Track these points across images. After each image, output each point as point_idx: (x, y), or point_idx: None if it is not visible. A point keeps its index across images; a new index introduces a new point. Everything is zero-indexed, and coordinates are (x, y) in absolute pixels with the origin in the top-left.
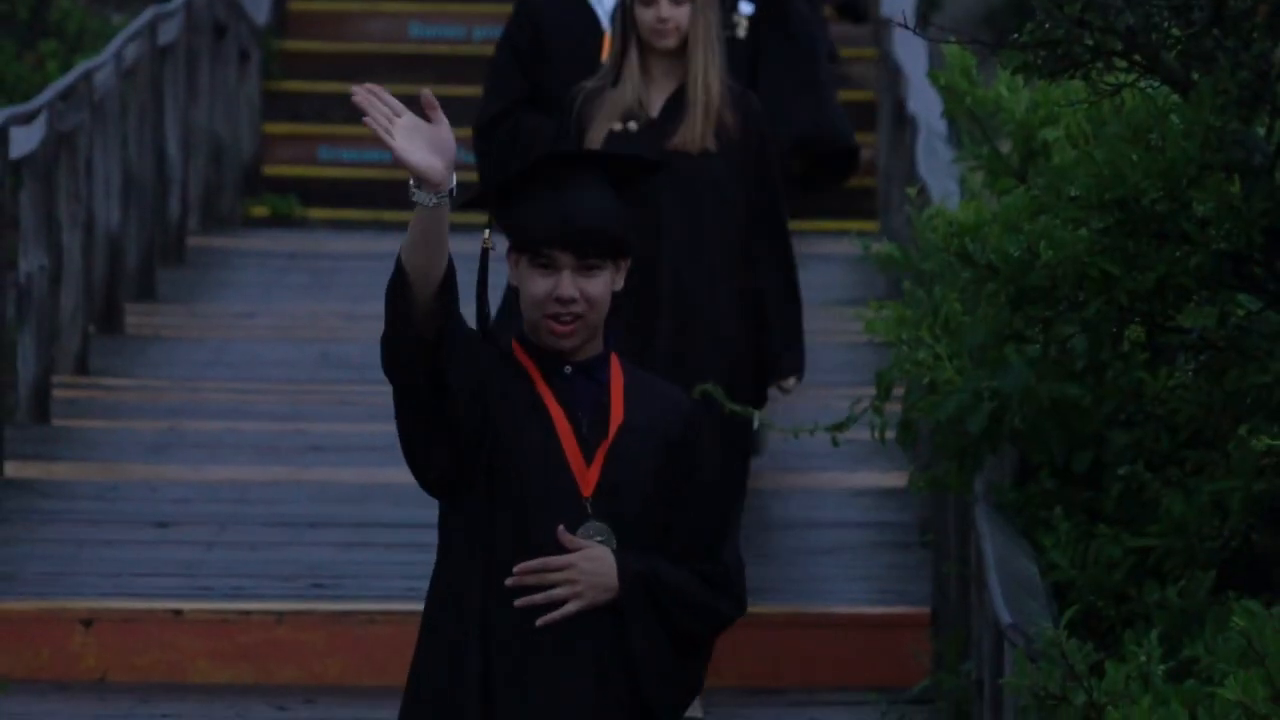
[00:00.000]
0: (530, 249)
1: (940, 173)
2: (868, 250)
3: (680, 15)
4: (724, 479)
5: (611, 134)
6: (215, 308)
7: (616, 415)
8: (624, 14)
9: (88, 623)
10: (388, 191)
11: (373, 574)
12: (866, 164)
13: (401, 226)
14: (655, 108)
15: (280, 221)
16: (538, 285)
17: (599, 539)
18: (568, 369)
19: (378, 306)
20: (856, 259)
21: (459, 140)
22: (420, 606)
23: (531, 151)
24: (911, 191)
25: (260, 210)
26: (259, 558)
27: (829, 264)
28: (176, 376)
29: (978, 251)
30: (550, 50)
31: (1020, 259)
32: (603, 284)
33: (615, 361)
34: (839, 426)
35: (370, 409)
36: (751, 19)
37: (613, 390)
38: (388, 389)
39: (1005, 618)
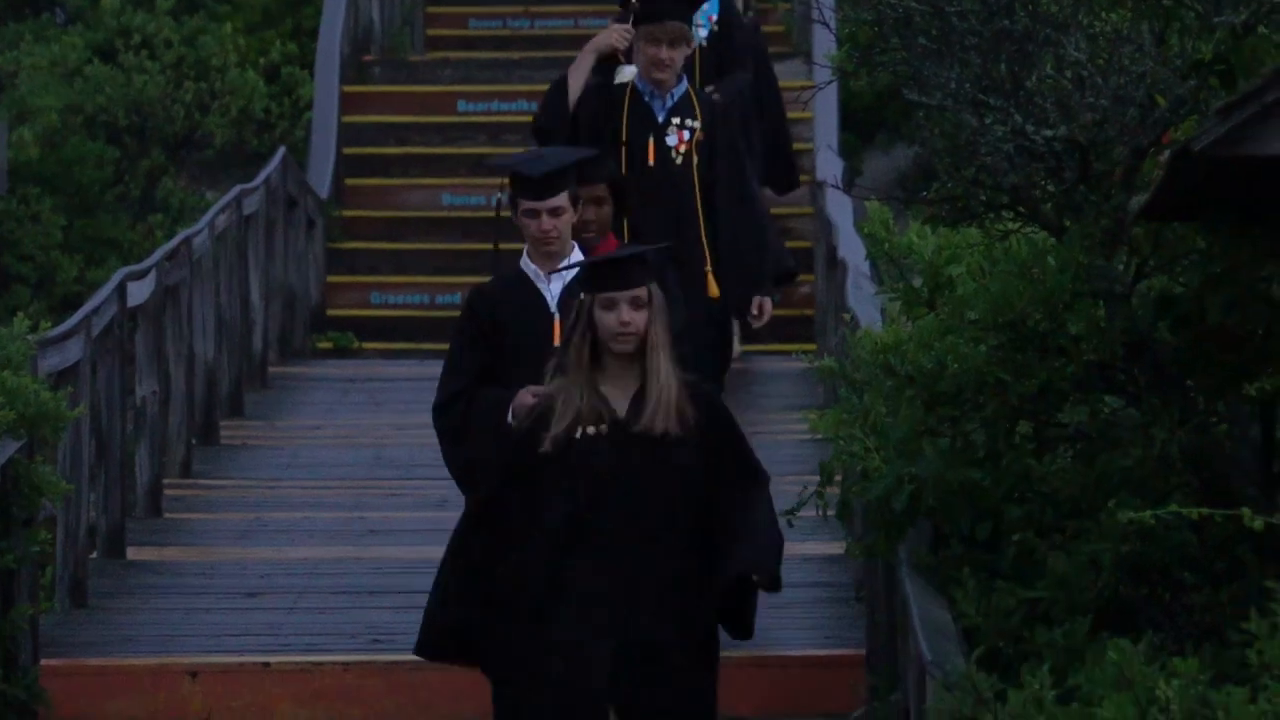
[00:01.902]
0: None
1: (866, 303)
2: (810, 365)
3: (640, 319)
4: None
5: (584, 436)
6: (291, 422)
7: None
8: (582, 319)
9: (194, 674)
10: (426, 327)
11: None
12: (806, 297)
13: (438, 356)
14: (622, 408)
15: (341, 353)
16: None
17: None
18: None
19: (421, 418)
20: (801, 373)
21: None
22: None
23: (486, 419)
24: (846, 318)
25: (325, 344)
26: (329, 620)
27: (780, 378)
28: (261, 477)
29: (898, 364)
30: (504, 333)
31: (932, 370)
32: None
33: None
34: (792, 510)
35: (415, 500)
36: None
37: None
38: (430, 483)
39: (926, 656)
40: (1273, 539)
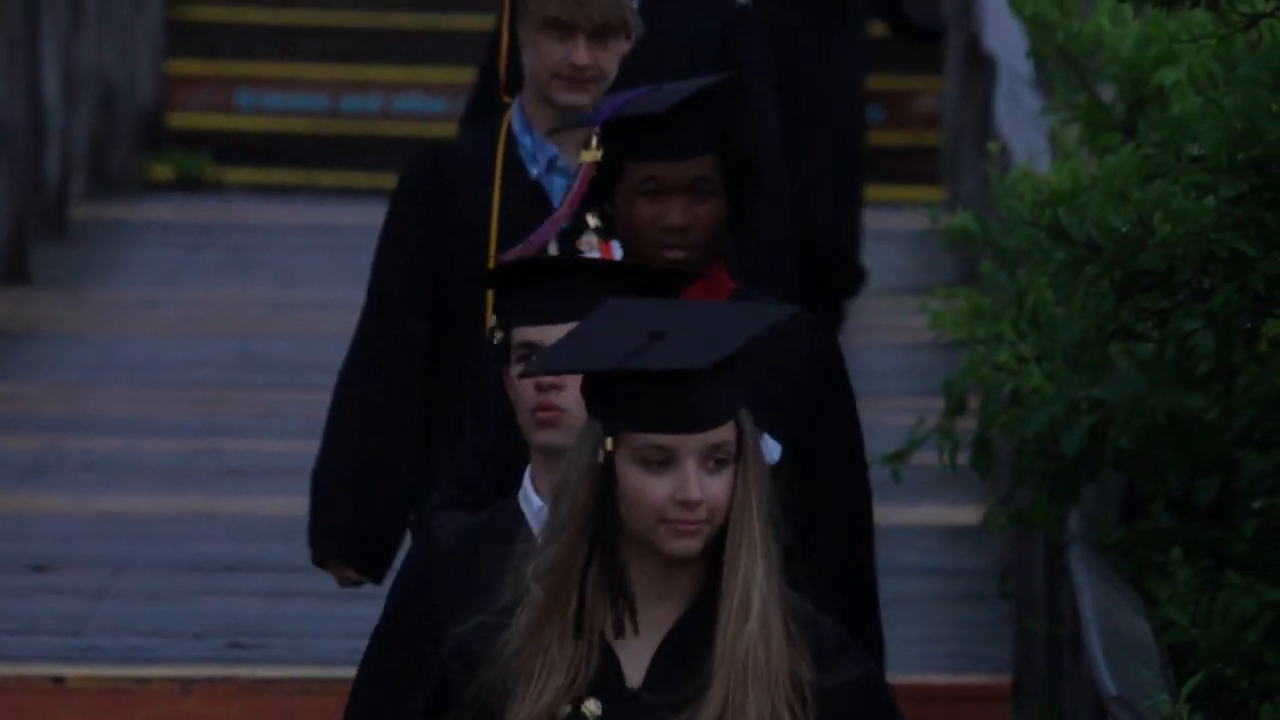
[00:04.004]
0: None
1: (1025, 126)
2: (934, 223)
3: (717, 491)
4: None
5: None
6: (106, 295)
7: None
8: (586, 484)
9: None
10: (324, 148)
11: (306, 630)
12: (930, 116)
13: (341, 192)
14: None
15: (189, 185)
16: None
17: None
18: None
19: (312, 293)
20: (918, 235)
21: None
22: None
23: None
24: (993, 148)
25: (163, 171)
26: (161, 610)
27: (883, 243)
28: (56, 381)
29: (1074, 226)
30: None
31: (1129, 235)
32: None
33: None
34: (899, 455)
35: (303, 422)
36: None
37: None
38: (325, 397)
39: (1109, 688)
40: None
